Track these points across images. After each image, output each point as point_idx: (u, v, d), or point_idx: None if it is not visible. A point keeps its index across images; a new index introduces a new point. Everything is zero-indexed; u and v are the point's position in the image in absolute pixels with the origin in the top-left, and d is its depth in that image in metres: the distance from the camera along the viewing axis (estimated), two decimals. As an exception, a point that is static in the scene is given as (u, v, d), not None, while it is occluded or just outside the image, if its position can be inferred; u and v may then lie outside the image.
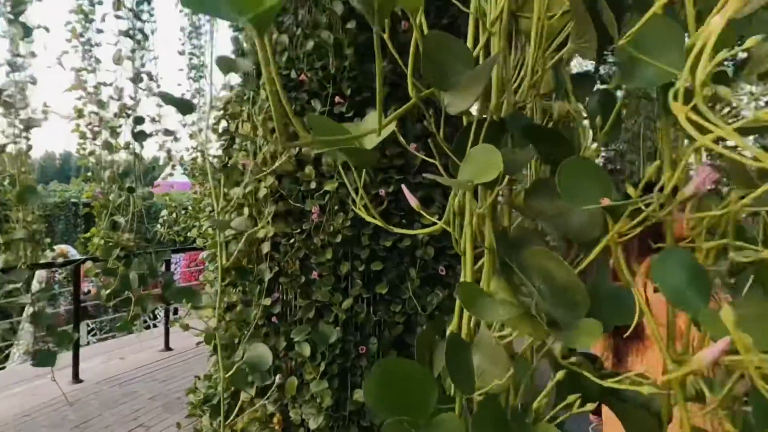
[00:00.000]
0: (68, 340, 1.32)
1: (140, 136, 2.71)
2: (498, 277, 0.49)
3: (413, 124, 2.48)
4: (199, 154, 3.60)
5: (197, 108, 4.03)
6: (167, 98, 0.92)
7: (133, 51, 2.80)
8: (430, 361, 0.56)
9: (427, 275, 2.48)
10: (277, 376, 2.36)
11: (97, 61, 3.45)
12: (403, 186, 0.65)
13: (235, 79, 2.85)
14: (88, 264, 3.11)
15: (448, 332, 0.56)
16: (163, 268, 5.18)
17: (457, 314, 0.56)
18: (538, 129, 0.56)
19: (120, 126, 2.69)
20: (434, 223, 0.68)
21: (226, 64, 0.83)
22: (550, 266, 0.44)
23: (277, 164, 2.22)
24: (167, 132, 2.80)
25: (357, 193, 0.66)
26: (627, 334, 1.44)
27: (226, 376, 0.92)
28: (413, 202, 0.60)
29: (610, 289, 0.48)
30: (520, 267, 0.47)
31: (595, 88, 0.56)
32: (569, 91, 0.55)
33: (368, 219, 0.70)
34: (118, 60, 2.69)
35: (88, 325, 7.70)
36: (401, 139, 0.66)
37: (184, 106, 0.95)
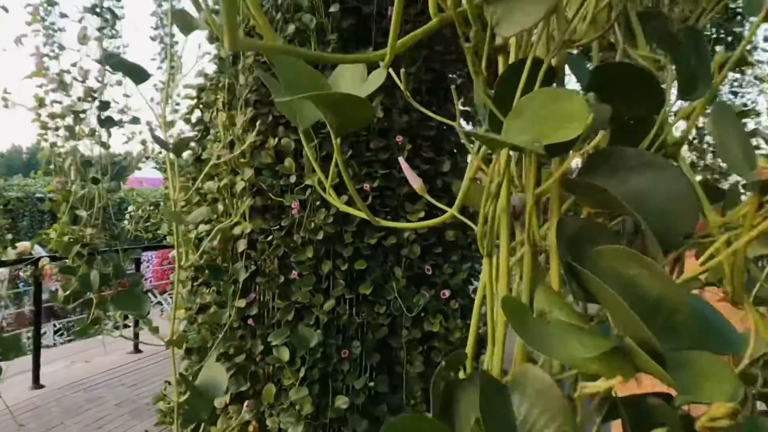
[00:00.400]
0: (15, 350, 1.16)
1: (107, 123, 2.51)
2: (555, 289, 0.37)
3: (399, 115, 2.35)
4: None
5: (170, 99, 3.82)
6: (117, 63, 0.78)
7: (100, 29, 2.60)
8: (450, 410, 0.42)
9: (413, 275, 2.36)
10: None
11: (61, 47, 3.23)
12: (401, 160, 0.50)
13: (210, 67, 2.68)
14: (44, 261, 2.90)
15: (477, 370, 0.43)
16: (133, 267, 4.94)
17: (490, 343, 0.43)
18: (621, 71, 0.41)
19: (84, 111, 2.49)
20: (427, 216, 0.54)
21: (183, 21, 0.69)
22: (634, 272, 0.32)
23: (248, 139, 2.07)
24: (135, 120, 2.61)
25: (333, 178, 0.53)
26: None
27: (181, 401, 0.78)
28: (416, 182, 0.46)
29: (698, 306, 0.36)
30: (584, 274, 0.35)
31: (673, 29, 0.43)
32: (638, 33, 0.43)
33: (354, 213, 0.56)
34: (83, 39, 2.48)
35: (54, 326, 7.37)
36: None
37: (137, 74, 0.80)
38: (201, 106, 2.58)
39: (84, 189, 2.46)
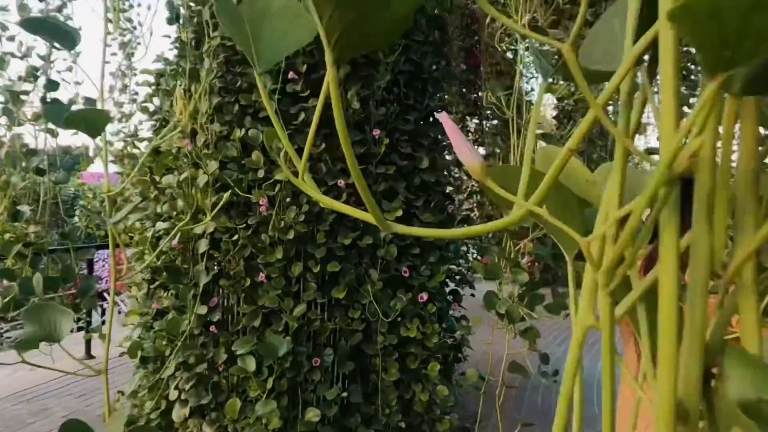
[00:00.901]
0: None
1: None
2: (755, 352, 0.22)
3: (376, 107, 2.21)
4: (130, 139, 3.16)
5: (128, 88, 3.56)
6: (35, 23, 0.61)
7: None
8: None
9: (390, 277, 2.23)
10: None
11: (3, 27, 2.94)
12: (444, 115, 0.34)
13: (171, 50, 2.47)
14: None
15: None
16: (86, 268, 4.62)
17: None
18: None
19: (27, 93, 2.23)
20: (406, 215, 0.39)
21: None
22: None
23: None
24: (89, 100, 2.37)
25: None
26: None
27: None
28: (472, 158, 0.31)
29: None
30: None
31: None
32: None
33: (353, 214, 0.41)
34: (22, 10, 2.22)
35: (-2, 329, 6.89)
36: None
37: (64, 37, 0.64)
38: (160, 93, 2.38)
39: (25, 181, 2.21)
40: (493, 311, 1.19)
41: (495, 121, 5.51)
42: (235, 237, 2.07)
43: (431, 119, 2.58)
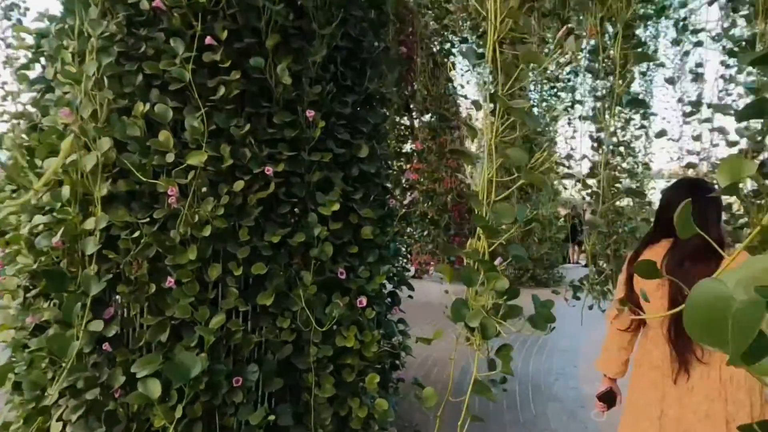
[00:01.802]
0: None
1: None
2: None
3: (311, 85, 1.93)
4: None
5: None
6: None
7: None
8: None
9: (325, 280, 1.96)
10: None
11: None
12: None
13: (56, 6, 2.03)
14: None
15: None
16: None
17: None
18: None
19: None
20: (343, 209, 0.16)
21: None
22: None
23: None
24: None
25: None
26: None
27: None
28: None
29: None
30: None
31: None
32: None
33: None
34: None
35: None
36: None
37: None
38: (42, 57, 1.94)
39: None
40: (462, 324, 0.96)
41: (429, 116, 5.38)
42: (137, 234, 1.70)
43: (372, 104, 2.33)
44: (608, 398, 1.82)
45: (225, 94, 1.78)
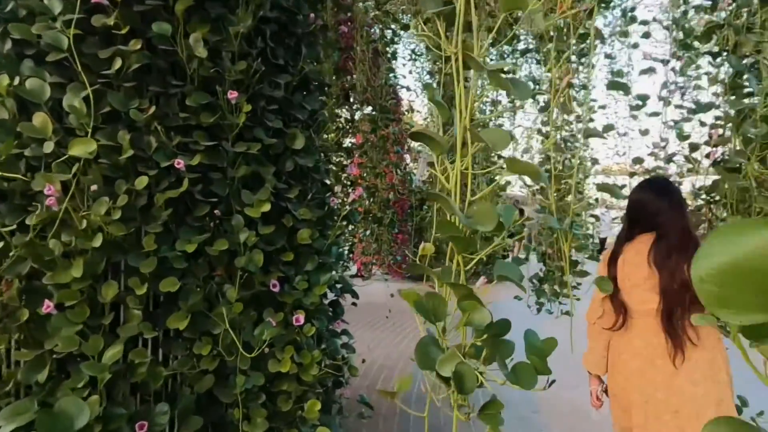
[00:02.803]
0: None
1: None
2: None
3: (233, 61, 1.61)
4: None
5: None
6: None
7: None
8: None
9: (254, 295, 1.65)
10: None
11: None
12: None
13: None
14: None
15: None
16: None
17: None
18: None
19: None
20: (275, 210, 0.06)
21: None
22: None
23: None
24: None
25: None
26: None
27: None
28: None
29: None
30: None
31: None
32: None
33: None
34: None
35: None
36: None
37: None
38: None
39: None
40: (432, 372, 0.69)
41: (369, 109, 5.11)
42: (2, 244, 1.32)
43: (309, 88, 2.03)
44: (606, 393, 1.89)
45: (122, 68, 1.43)
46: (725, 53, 2.06)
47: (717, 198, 2.17)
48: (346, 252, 4.93)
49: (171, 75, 1.54)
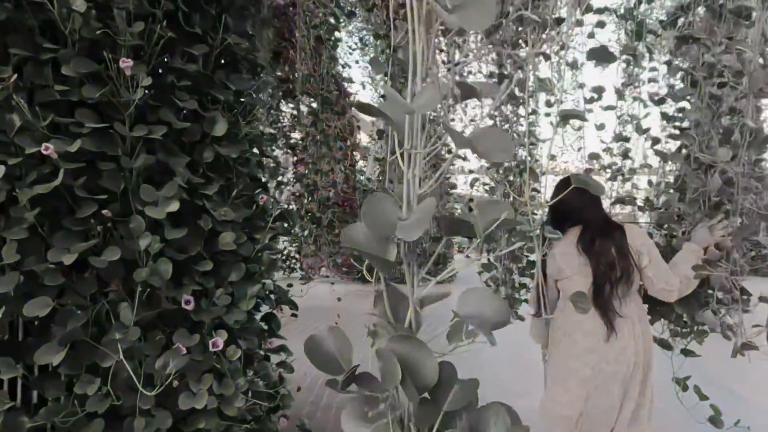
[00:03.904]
0: None
1: None
2: None
3: (128, 21, 1.28)
4: None
5: None
6: None
7: None
8: None
9: (160, 315, 1.32)
10: None
11: None
12: None
13: None
14: None
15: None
16: None
17: None
18: None
19: None
20: (185, 208, 0.12)
21: None
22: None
23: None
24: None
25: None
26: None
27: None
28: None
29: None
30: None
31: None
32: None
33: None
34: None
35: None
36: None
37: None
38: None
39: None
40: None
41: (314, 103, 4.80)
42: None
43: (237, 67, 1.72)
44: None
45: (-31, 21, 1.07)
46: (690, 41, 1.93)
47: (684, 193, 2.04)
48: (293, 253, 4.57)
49: (42, 36, 1.19)
